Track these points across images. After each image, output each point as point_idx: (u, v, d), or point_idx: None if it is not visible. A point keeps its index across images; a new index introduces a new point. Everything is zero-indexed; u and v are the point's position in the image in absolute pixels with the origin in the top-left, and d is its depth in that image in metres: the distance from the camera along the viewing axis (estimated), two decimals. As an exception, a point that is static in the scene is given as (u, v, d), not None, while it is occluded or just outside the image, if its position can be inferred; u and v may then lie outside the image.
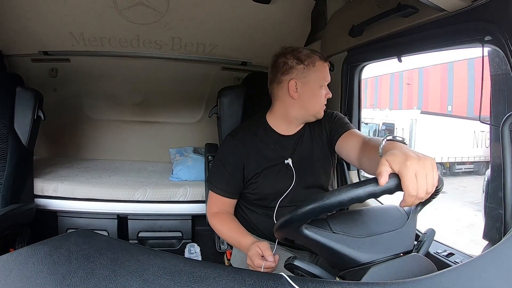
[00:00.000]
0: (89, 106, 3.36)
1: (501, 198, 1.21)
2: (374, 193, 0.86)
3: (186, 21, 2.53)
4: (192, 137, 3.52)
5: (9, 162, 2.12)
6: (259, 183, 1.64)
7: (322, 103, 1.64)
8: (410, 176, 0.84)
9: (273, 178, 1.63)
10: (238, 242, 1.55)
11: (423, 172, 0.85)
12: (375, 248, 0.96)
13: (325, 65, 1.64)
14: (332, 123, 1.68)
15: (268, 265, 1.34)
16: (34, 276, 0.70)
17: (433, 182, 0.86)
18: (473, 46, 1.36)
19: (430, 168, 0.86)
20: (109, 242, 0.87)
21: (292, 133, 1.70)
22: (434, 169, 0.87)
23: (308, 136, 1.70)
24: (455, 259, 1.44)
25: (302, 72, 1.60)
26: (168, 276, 0.72)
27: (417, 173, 0.84)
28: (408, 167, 0.84)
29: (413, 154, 0.88)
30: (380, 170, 0.86)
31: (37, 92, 2.26)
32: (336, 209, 0.89)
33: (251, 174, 1.65)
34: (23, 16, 2.39)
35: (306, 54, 1.61)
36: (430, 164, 0.87)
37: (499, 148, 1.22)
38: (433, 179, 0.86)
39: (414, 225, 1.05)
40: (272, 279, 0.74)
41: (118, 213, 2.59)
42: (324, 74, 1.63)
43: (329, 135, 1.68)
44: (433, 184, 0.86)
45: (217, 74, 3.17)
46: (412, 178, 0.84)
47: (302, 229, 0.95)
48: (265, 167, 1.64)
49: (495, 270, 0.81)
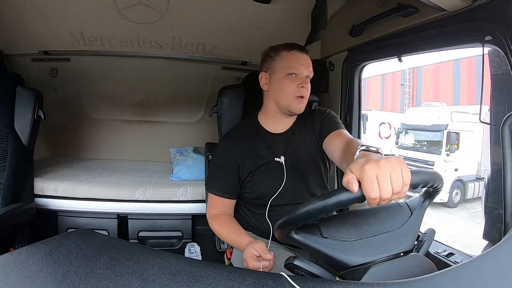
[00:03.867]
0: (89, 105, 3.36)
1: (501, 198, 1.21)
2: (340, 203, 0.86)
3: (186, 21, 2.53)
4: (192, 137, 3.53)
5: (9, 161, 2.12)
6: (254, 182, 1.65)
7: (292, 94, 1.62)
8: (368, 180, 0.81)
9: (267, 176, 1.64)
10: (237, 243, 1.56)
11: (385, 173, 0.82)
12: (366, 251, 0.96)
13: (291, 54, 1.64)
14: (323, 120, 1.69)
15: (265, 265, 1.35)
16: (34, 276, 0.70)
17: (400, 181, 0.83)
18: (474, 46, 1.36)
19: (394, 168, 0.83)
20: (109, 242, 0.87)
21: (282, 131, 1.71)
22: (402, 167, 0.84)
23: (300, 133, 1.70)
24: (455, 259, 1.44)
25: (269, 64, 1.66)
26: (168, 276, 0.72)
27: (378, 175, 0.81)
28: (366, 171, 0.82)
29: (375, 158, 0.85)
30: (346, 179, 0.84)
31: (37, 91, 2.26)
32: (309, 220, 0.90)
33: (245, 173, 1.66)
34: (24, 16, 2.39)
35: (274, 46, 1.68)
36: (394, 163, 0.83)
37: (499, 148, 1.22)
38: (399, 178, 0.83)
39: (417, 222, 1.05)
40: (272, 278, 0.74)
41: (118, 213, 2.59)
42: (289, 62, 1.62)
43: (319, 132, 1.68)
44: (401, 183, 0.83)
45: (217, 74, 3.17)
46: (371, 181, 0.81)
47: (292, 234, 0.97)
48: (259, 166, 1.65)
49: (495, 270, 0.81)
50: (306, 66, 1.63)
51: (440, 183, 0.97)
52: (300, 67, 1.61)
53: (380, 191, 0.81)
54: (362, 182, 0.82)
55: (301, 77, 1.61)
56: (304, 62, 1.63)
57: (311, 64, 1.65)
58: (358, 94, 2.17)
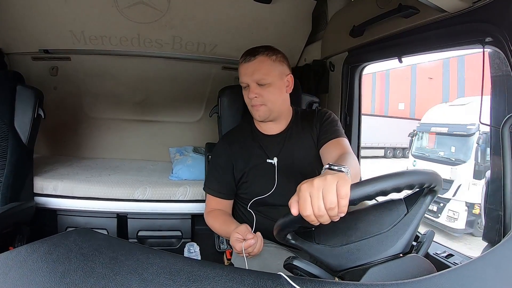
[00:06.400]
0: (89, 104, 3.36)
1: (501, 200, 1.21)
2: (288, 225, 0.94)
3: (187, 21, 2.53)
4: (192, 136, 3.52)
5: (9, 160, 2.11)
6: (249, 183, 1.66)
7: (249, 104, 1.63)
8: (302, 199, 0.86)
9: (261, 177, 1.64)
10: (227, 232, 1.53)
11: (317, 190, 0.85)
12: (352, 256, 0.97)
13: (240, 65, 1.61)
14: (323, 124, 1.66)
15: (248, 244, 1.35)
16: (33, 274, 0.70)
17: (332, 197, 0.84)
18: (474, 47, 1.36)
19: (327, 184, 0.85)
20: (108, 241, 0.87)
21: (277, 132, 1.71)
22: (339, 182, 0.85)
23: (295, 135, 1.69)
24: (454, 260, 1.44)
25: None
26: (167, 275, 0.72)
27: (311, 193, 0.85)
28: (301, 191, 0.87)
29: (316, 177, 0.88)
30: (289, 202, 0.89)
31: (37, 90, 2.25)
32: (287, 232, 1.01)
33: (240, 173, 1.67)
34: (24, 14, 2.39)
35: None
36: (329, 180, 0.86)
37: (499, 150, 1.22)
38: (332, 194, 0.84)
39: (414, 221, 1.00)
40: (271, 278, 0.74)
41: (118, 212, 2.58)
42: (240, 74, 1.62)
43: (318, 135, 1.66)
44: (334, 199, 0.84)
45: (218, 74, 3.17)
46: (303, 200, 0.86)
47: (290, 239, 1.03)
48: (252, 166, 1.65)
49: (495, 271, 0.81)
50: (251, 74, 1.57)
51: (438, 184, 0.96)
52: (244, 77, 1.59)
53: (313, 208, 0.85)
54: (299, 202, 0.87)
55: (250, 87, 1.59)
56: (248, 71, 1.58)
57: (258, 69, 1.57)
58: (358, 95, 2.18)
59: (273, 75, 1.58)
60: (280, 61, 1.61)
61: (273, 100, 1.60)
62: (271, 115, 1.63)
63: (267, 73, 1.57)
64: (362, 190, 0.87)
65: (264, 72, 1.57)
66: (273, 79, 1.58)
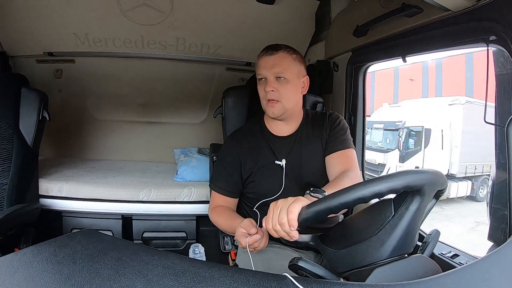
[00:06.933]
0: (94, 106, 3.38)
1: (506, 199, 1.20)
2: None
3: (190, 22, 2.54)
4: (197, 138, 3.53)
5: (14, 162, 2.13)
6: (256, 182, 1.65)
7: (264, 99, 1.62)
8: (267, 215, 1.08)
9: (268, 178, 1.64)
10: (232, 227, 1.50)
11: (277, 209, 1.04)
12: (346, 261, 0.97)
13: (260, 58, 1.61)
14: (333, 131, 1.66)
15: (254, 239, 1.33)
16: (39, 276, 0.70)
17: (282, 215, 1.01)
18: (478, 46, 1.35)
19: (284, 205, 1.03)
20: (113, 242, 0.88)
21: (287, 134, 1.70)
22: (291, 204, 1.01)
23: (305, 138, 1.68)
24: (460, 260, 1.43)
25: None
26: (172, 276, 0.72)
27: (273, 211, 1.06)
28: (269, 208, 1.08)
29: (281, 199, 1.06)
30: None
31: (42, 92, 2.27)
32: None
33: (247, 172, 1.66)
34: (28, 17, 2.40)
35: None
36: (285, 201, 1.04)
37: (504, 149, 1.21)
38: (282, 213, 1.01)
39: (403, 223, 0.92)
40: (276, 279, 0.74)
41: (123, 213, 2.59)
42: (258, 67, 1.62)
43: (327, 140, 1.66)
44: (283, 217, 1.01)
45: (221, 75, 3.18)
46: (267, 216, 1.08)
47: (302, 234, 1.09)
48: (260, 166, 1.65)
49: (500, 271, 0.80)
50: (270, 68, 1.57)
51: (443, 186, 0.95)
52: (263, 70, 1.58)
53: (272, 223, 1.05)
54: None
55: (268, 81, 1.58)
56: (268, 64, 1.58)
57: (279, 64, 1.57)
58: (362, 95, 2.17)
59: (292, 72, 1.59)
60: (299, 61, 1.62)
61: (288, 98, 1.60)
62: (284, 113, 1.62)
63: (286, 69, 1.57)
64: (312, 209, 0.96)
65: (284, 67, 1.57)
66: (291, 76, 1.58)
